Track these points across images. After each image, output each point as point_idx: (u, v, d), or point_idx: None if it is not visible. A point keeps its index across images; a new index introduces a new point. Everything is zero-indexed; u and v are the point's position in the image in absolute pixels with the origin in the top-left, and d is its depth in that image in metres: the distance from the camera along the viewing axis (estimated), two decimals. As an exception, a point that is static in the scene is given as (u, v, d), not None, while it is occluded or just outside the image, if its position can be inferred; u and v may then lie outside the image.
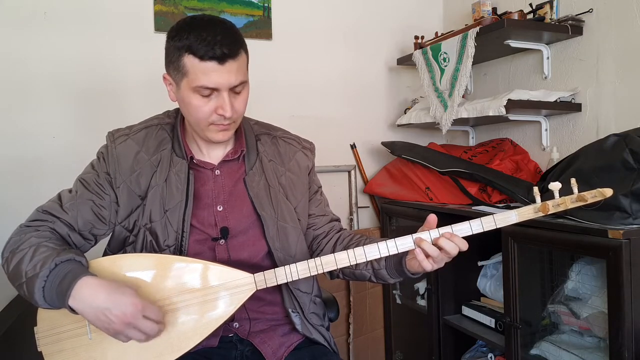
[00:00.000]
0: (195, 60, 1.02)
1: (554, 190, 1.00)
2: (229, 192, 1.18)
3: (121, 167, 1.14)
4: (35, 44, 1.93)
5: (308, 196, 1.27)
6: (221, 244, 1.15)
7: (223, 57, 1.02)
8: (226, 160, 1.19)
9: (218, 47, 1.01)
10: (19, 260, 1.01)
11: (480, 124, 2.37)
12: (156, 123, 1.20)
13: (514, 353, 1.63)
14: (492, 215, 1.03)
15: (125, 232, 1.14)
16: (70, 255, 1.00)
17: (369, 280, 1.20)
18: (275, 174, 1.22)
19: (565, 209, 1.00)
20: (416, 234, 1.04)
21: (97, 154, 1.19)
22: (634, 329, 1.29)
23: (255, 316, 1.18)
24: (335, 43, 2.42)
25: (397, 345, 2.37)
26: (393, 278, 1.15)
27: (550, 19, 1.94)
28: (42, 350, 1.03)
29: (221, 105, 1.06)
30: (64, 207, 1.11)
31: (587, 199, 0.98)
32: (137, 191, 1.13)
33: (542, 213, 1.00)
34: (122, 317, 0.94)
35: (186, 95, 1.07)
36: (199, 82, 1.03)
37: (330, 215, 1.31)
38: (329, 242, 1.25)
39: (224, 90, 1.05)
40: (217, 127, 1.09)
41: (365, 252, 1.05)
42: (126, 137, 1.17)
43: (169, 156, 1.15)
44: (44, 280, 0.97)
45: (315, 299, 1.25)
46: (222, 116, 1.07)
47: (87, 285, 0.96)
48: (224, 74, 1.03)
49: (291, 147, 1.27)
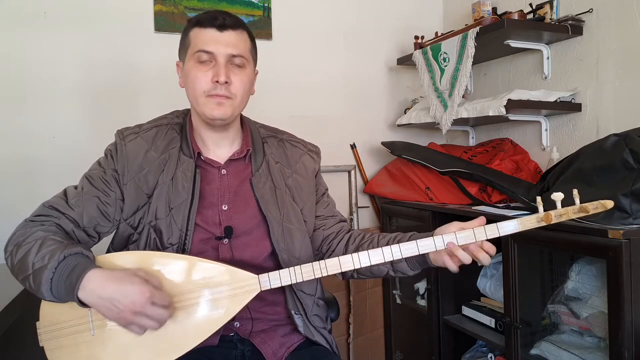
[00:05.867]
0: (198, 29, 1.12)
1: (556, 201, 1.00)
2: (235, 192, 1.18)
3: (130, 165, 1.14)
4: (35, 44, 1.93)
5: (315, 198, 1.28)
6: (225, 243, 1.15)
7: (223, 26, 1.11)
8: (232, 160, 1.20)
9: (220, 17, 1.11)
10: (25, 252, 1.01)
11: (480, 124, 2.37)
12: (165, 123, 1.21)
13: (514, 353, 1.63)
14: (495, 224, 1.03)
15: (130, 229, 1.14)
16: (78, 248, 1.00)
17: (386, 275, 1.20)
18: (282, 176, 1.22)
19: (567, 219, 1.00)
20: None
21: (105, 151, 1.19)
22: (634, 329, 1.29)
23: (257, 316, 1.18)
24: (335, 43, 2.42)
25: (397, 345, 2.37)
26: (413, 270, 1.14)
27: (550, 19, 1.94)
28: (44, 345, 1.03)
29: (216, 72, 1.10)
30: (69, 203, 1.11)
31: (589, 210, 0.99)
32: (145, 189, 1.14)
33: (544, 222, 1.01)
34: (132, 307, 0.95)
35: (188, 67, 1.13)
36: (197, 47, 1.11)
37: (339, 216, 1.32)
38: (340, 242, 1.25)
39: (220, 57, 1.10)
40: (213, 98, 1.11)
41: (370, 256, 1.04)
42: (136, 135, 1.17)
43: (176, 155, 1.16)
44: (52, 272, 0.97)
45: (318, 301, 1.25)
46: (217, 83, 1.10)
47: (96, 276, 0.96)
48: (221, 41, 1.10)
49: (297, 150, 1.28)
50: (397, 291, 2.33)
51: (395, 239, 1.16)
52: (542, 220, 1.01)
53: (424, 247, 1.04)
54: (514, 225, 1.02)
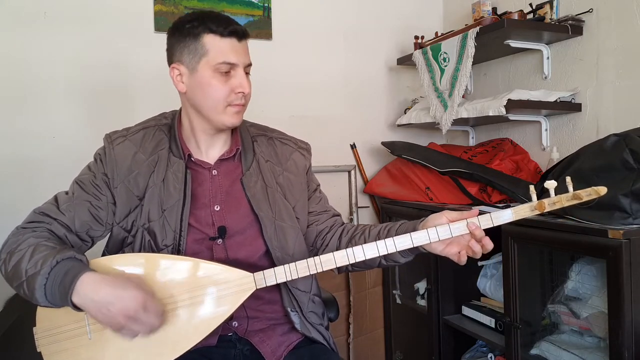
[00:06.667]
0: (217, 38, 1.09)
1: (549, 189, 1.01)
2: (226, 192, 1.18)
3: (119, 168, 1.14)
4: (35, 44, 1.93)
5: (307, 195, 1.28)
6: (219, 243, 1.15)
7: (242, 34, 1.11)
8: (223, 160, 1.20)
9: (235, 26, 1.10)
10: (18, 260, 1.01)
11: (480, 124, 2.37)
12: (153, 124, 1.21)
13: (514, 353, 1.63)
14: (488, 214, 1.03)
15: (124, 232, 1.14)
16: (70, 253, 1.00)
17: (378, 265, 1.20)
18: (273, 174, 1.23)
19: (561, 206, 1.01)
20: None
21: (95, 155, 1.19)
22: (634, 329, 1.29)
23: (254, 315, 1.18)
24: (335, 43, 2.42)
25: (397, 345, 2.37)
26: (405, 257, 1.15)
27: (550, 19, 1.94)
28: (42, 350, 1.03)
29: (240, 82, 1.10)
30: (60, 209, 1.11)
31: (582, 197, 1.00)
32: (135, 191, 1.14)
33: (538, 211, 1.01)
34: (125, 311, 0.94)
35: (205, 75, 1.10)
36: (220, 58, 1.08)
37: (332, 211, 1.32)
38: (334, 236, 1.26)
39: (241, 67, 1.11)
40: (233, 107, 1.12)
41: (364, 250, 1.05)
42: (124, 138, 1.17)
43: (166, 156, 1.16)
44: (45, 277, 0.97)
45: (314, 298, 1.25)
46: (242, 93, 1.11)
47: (90, 280, 0.96)
48: (241, 51, 1.11)
49: (288, 148, 1.28)
50: (397, 291, 2.33)
51: (385, 228, 1.17)
52: (535, 209, 1.01)
53: (417, 240, 1.04)
54: (508, 214, 1.02)
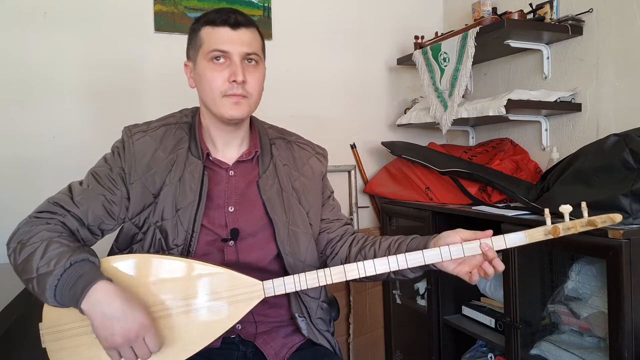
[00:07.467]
0: (210, 28, 1.10)
1: (564, 213, 1.00)
2: (241, 193, 1.17)
3: (137, 164, 1.12)
4: (35, 44, 1.93)
5: (321, 201, 1.27)
6: (230, 245, 1.14)
7: (236, 23, 1.09)
8: (240, 161, 1.19)
9: (232, 15, 1.10)
10: (30, 254, 0.99)
11: (480, 124, 2.37)
12: (174, 122, 1.19)
13: (514, 353, 1.63)
14: (502, 236, 1.03)
15: (135, 228, 1.13)
16: (84, 255, 0.99)
17: (386, 278, 1.19)
18: (289, 178, 1.21)
19: (575, 232, 1.00)
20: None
21: (112, 147, 1.17)
22: (634, 329, 1.29)
23: (260, 319, 1.17)
24: (335, 43, 2.42)
25: (397, 345, 2.37)
26: (414, 273, 1.14)
27: (550, 19, 1.94)
28: (47, 346, 1.03)
29: (233, 70, 1.09)
30: (74, 200, 1.09)
31: (597, 224, 0.98)
32: (151, 189, 1.12)
33: (552, 236, 1.00)
34: (127, 332, 0.93)
35: (202, 67, 1.11)
36: (211, 46, 1.09)
37: (343, 219, 1.31)
38: (344, 245, 1.25)
39: (235, 56, 1.09)
40: (230, 98, 1.10)
41: (375, 265, 1.04)
42: (144, 133, 1.15)
43: (184, 155, 1.14)
44: (57, 278, 0.95)
45: (322, 304, 1.24)
46: (235, 82, 1.08)
47: (104, 290, 0.95)
48: (236, 39, 1.09)
49: (305, 152, 1.27)
50: (397, 291, 2.33)
51: (396, 242, 1.16)
52: (549, 234, 1.00)
53: (429, 258, 1.04)
54: (520, 237, 1.02)
